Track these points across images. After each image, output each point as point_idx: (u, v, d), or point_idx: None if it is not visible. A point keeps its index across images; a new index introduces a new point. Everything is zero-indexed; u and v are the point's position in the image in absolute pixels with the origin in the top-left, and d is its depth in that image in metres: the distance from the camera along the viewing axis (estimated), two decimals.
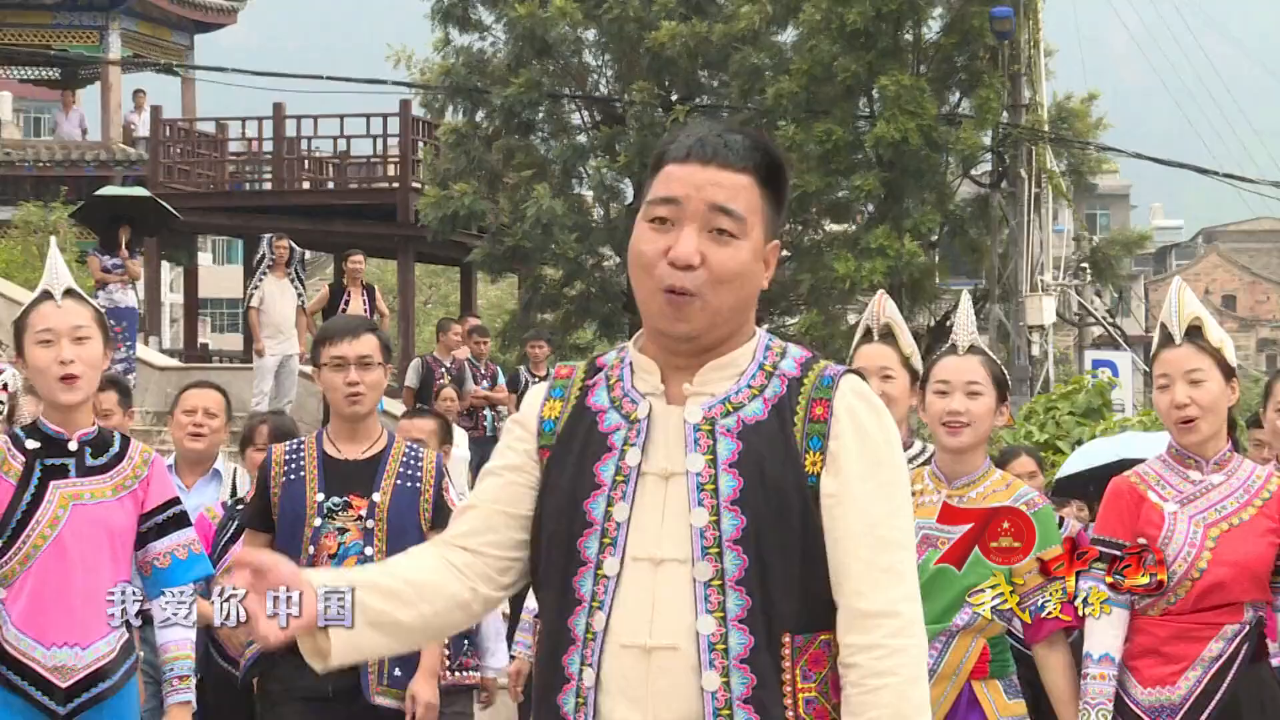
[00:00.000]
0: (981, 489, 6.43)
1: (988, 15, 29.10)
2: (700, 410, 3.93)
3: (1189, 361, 6.38)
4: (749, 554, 3.82)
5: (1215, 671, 6.25)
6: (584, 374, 4.11)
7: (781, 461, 3.88)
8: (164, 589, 5.90)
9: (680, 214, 3.89)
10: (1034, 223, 30.87)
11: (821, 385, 3.95)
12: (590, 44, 32.16)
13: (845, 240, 30.28)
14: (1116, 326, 35.61)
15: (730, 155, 3.92)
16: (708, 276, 3.85)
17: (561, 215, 30.49)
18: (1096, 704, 6.26)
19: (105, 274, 22.35)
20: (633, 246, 3.96)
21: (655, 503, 3.90)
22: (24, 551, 5.97)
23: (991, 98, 29.71)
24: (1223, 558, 6.26)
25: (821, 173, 29.38)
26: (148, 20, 42.01)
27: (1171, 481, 6.44)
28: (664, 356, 3.99)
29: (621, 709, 3.82)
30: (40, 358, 6.11)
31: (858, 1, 28.50)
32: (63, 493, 6.06)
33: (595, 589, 3.87)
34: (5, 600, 5.96)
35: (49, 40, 40.96)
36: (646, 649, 3.81)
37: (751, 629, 3.81)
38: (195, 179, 37.20)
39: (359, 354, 7.06)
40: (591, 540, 3.90)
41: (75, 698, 5.95)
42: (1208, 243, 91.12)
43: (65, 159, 40.05)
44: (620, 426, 3.97)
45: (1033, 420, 18.79)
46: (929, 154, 29.19)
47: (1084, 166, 33.10)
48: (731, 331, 3.98)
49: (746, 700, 3.79)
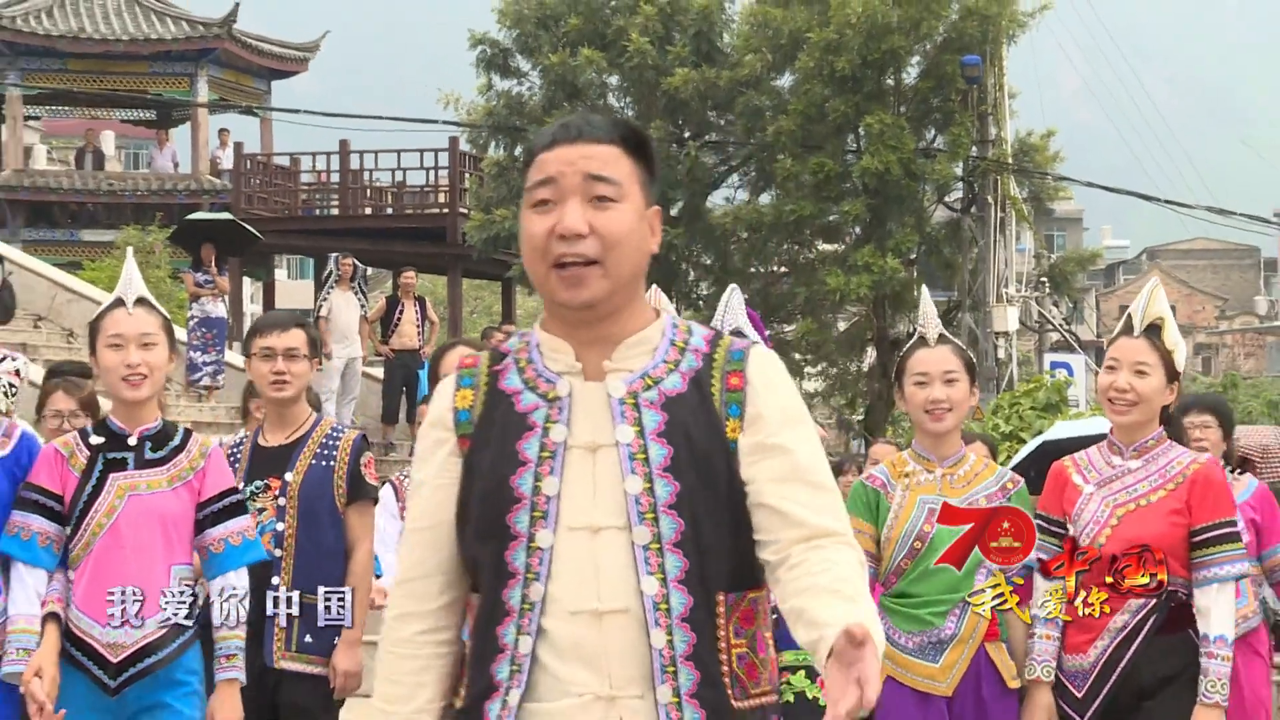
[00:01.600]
0: (969, 466, 6.37)
1: (959, 63, 29.11)
2: (623, 385, 3.69)
3: (1140, 353, 6.26)
4: (684, 518, 3.60)
5: (1120, 641, 6.12)
6: (489, 361, 3.83)
7: (705, 430, 3.66)
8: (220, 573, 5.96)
9: (559, 191, 3.65)
10: (999, 242, 30.81)
11: (733, 359, 3.74)
12: (613, 88, 32.10)
13: (835, 258, 30.23)
14: (1072, 333, 35.55)
15: (595, 130, 3.71)
16: (599, 243, 3.63)
17: None
18: (1041, 660, 6.17)
19: (198, 288, 22.52)
20: (522, 236, 3.72)
21: (584, 475, 3.65)
22: (85, 539, 5.88)
23: (962, 134, 29.68)
24: (1121, 535, 6.15)
25: (815, 199, 29.35)
26: (231, 68, 42.07)
27: (1096, 465, 6.34)
28: (573, 336, 3.74)
29: (576, 672, 3.59)
30: (109, 359, 6.00)
31: (846, 51, 28.46)
32: (120, 484, 5.94)
33: (529, 561, 3.62)
34: (72, 582, 5.89)
35: (146, 86, 41.04)
36: (598, 614, 3.58)
37: (690, 589, 3.60)
38: (272, 206, 37.24)
39: (286, 345, 6.88)
40: (521, 515, 3.63)
41: (124, 671, 5.85)
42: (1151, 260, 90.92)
43: (160, 189, 40.14)
44: (539, 405, 3.70)
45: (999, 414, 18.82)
46: (908, 183, 29.13)
47: (1043, 194, 33.03)
48: (628, 300, 3.74)
49: (688, 657, 3.59)
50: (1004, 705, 6.18)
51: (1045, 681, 6.16)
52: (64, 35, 40.01)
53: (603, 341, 3.72)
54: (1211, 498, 6.18)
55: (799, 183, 29.31)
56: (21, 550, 5.82)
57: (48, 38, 39.91)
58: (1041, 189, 32.77)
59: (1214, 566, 6.09)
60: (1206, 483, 6.21)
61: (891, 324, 30.61)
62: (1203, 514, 6.14)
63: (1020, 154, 31.55)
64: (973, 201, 31.12)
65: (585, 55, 30.31)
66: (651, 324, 3.77)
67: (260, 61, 42.55)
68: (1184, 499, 6.17)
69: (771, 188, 31.14)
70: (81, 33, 40.26)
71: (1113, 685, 6.12)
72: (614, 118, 3.82)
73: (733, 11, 31.73)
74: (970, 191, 31.23)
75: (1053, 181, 32.92)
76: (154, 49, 40.75)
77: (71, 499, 5.90)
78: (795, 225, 29.95)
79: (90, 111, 47.48)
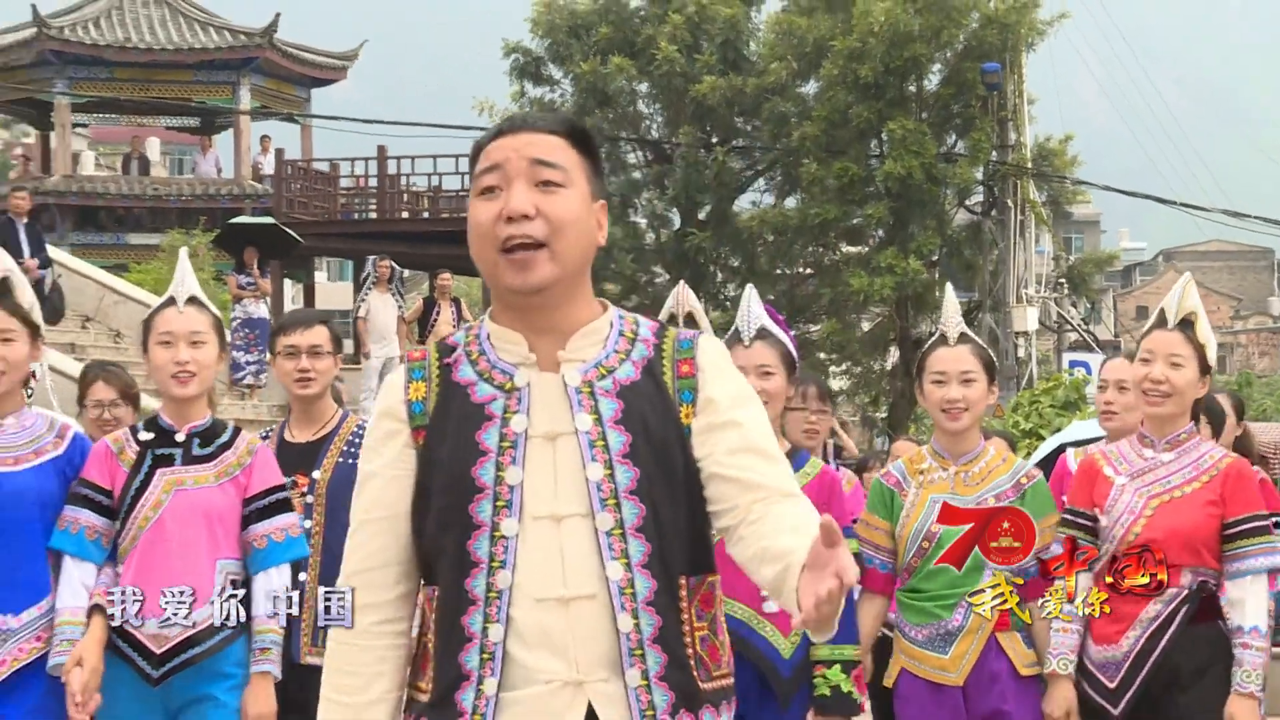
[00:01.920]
0: (984, 463, 6.24)
1: (980, 70, 29.15)
2: (579, 374, 3.60)
3: (1175, 346, 6.09)
4: (645, 503, 3.53)
5: (1153, 631, 5.98)
6: (438, 354, 3.71)
7: (661, 417, 3.59)
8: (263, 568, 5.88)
9: (505, 177, 3.54)
10: (1019, 245, 30.82)
11: (681, 348, 3.67)
12: (643, 95, 32.15)
13: (859, 260, 30.24)
14: (1090, 332, 35.51)
15: (539, 122, 3.63)
16: (546, 225, 3.52)
17: (620, 240, 30.55)
18: (1058, 653, 6.03)
19: (240, 290, 22.59)
20: (470, 224, 3.61)
21: (545, 463, 3.55)
22: (132, 532, 5.80)
23: (983, 139, 29.70)
24: (1156, 525, 5.99)
25: (839, 203, 29.38)
26: (272, 77, 42.12)
27: (1127, 457, 6.19)
28: (524, 326, 3.64)
29: (545, 659, 3.50)
30: (159, 356, 5.92)
31: (869, 58, 28.48)
32: (167, 479, 5.85)
33: (494, 550, 3.52)
34: (120, 575, 5.81)
35: (190, 94, 41.10)
36: (564, 600, 3.50)
37: (653, 573, 3.53)
38: (312, 210, 37.30)
39: (310, 343, 6.79)
40: (484, 504, 3.53)
41: (167, 662, 5.76)
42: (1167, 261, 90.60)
43: (204, 194, 40.19)
44: (496, 396, 3.60)
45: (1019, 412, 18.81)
46: (930, 187, 29.17)
47: (1061, 197, 33.05)
48: (576, 288, 3.64)
49: (655, 640, 3.52)
50: (1017, 693, 6.08)
51: (1064, 675, 6.04)
52: (111, 45, 40.10)
53: (554, 332, 3.63)
54: (1245, 491, 6.07)
55: (823, 187, 29.35)
56: (71, 544, 5.79)
57: (95, 47, 40.00)
58: (1060, 193, 32.78)
59: (1248, 559, 5.99)
60: (1239, 477, 6.10)
61: (914, 324, 30.60)
62: (1236, 507, 6.03)
63: (1039, 159, 31.53)
64: (993, 205, 31.12)
65: (615, 63, 30.36)
66: (600, 315, 3.69)
67: (301, 70, 42.59)
68: (1218, 491, 6.04)
69: (797, 192, 31.18)
70: (128, 42, 40.35)
71: (1145, 675, 6.00)
72: (559, 113, 3.82)
73: (759, 20, 31.82)
74: (990, 195, 31.24)
75: (1071, 185, 32.93)
76: (198, 58, 40.83)
77: (120, 493, 5.85)
78: (820, 228, 30.00)
79: (136, 119, 47.55)
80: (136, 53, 40.23)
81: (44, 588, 5.85)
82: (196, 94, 41.02)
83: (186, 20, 41.86)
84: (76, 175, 42.69)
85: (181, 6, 42.51)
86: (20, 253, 19.74)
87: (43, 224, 29.67)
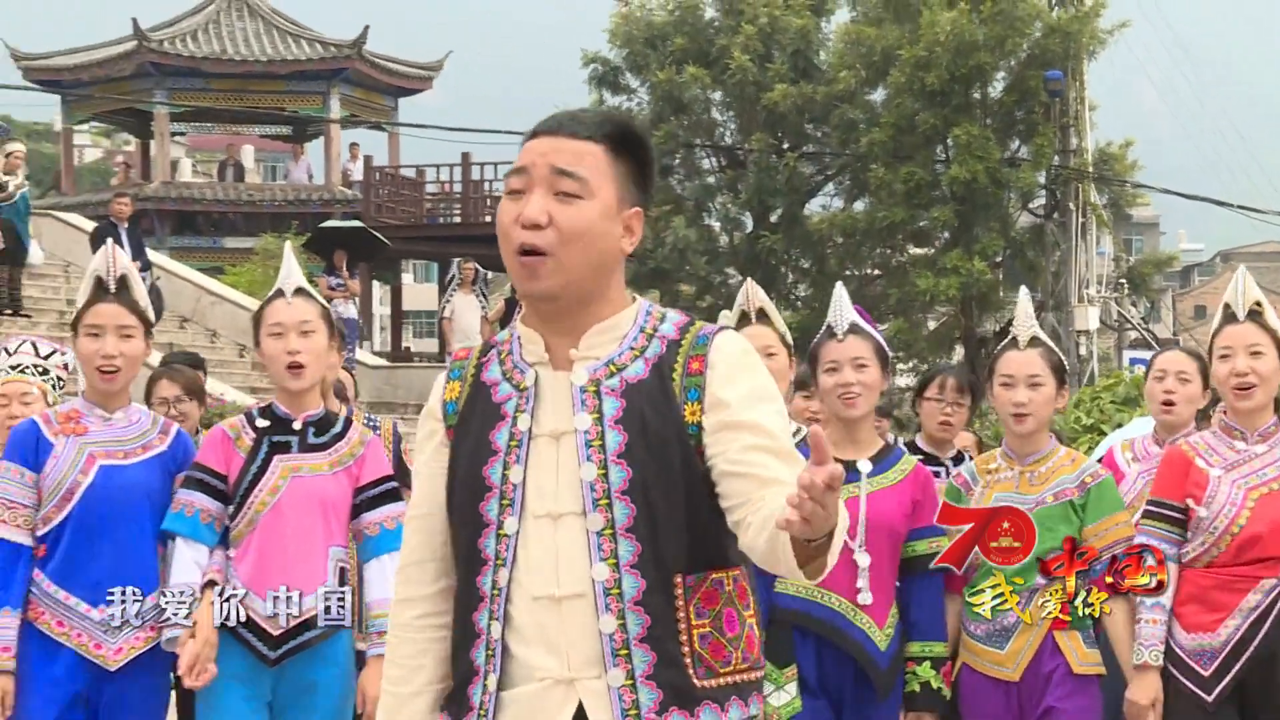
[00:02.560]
0: (1051, 464, 6.05)
1: (1042, 77, 28.97)
2: (586, 373, 3.51)
3: (1251, 336, 5.89)
4: (637, 503, 3.42)
5: (1253, 620, 5.78)
6: (479, 354, 3.68)
7: (663, 416, 3.46)
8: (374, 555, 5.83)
9: (529, 182, 3.46)
10: (1081, 246, 30.64)
11: (698, 344, 3.53)
12: (716, 103, 32.12)
13: (925, 261, 30.12)
14: (1149, 331, 35.29)
15: (576, 126, 3.51)
16: (556, 235, 3.42)
17: (694, 242, 30.59)
18: (1150, 644, 5.84)
19: (330, 291, 22.69)
20: (497, 221, 3.54)
21: (549, 462, 3.49)
22: (248, 516, 5.73)
23: (1045, 145, 29.54)
24: (1260, 517, 5.77)
25: (906, 206, 29.26)
26: (361, 87, 42.34)
27: (1218, 450, 5.95)
28: (544, 326, 3.57)
29: (540, 657, 3.44)
30: (271, 348, 5.83)
31: (935, 67, 28.37)
32: (284, 465, 5.78)
33: (498, 548, 3.48)
34: (234, 559, 5.77)
35: (283, 104, 41.39)
36: (556, 599, 3.43)
37: (643, 573, 3.41)
38: (399, 214, 37.41)
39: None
40: (492, 503, 3.49)
41: (284, 644, 5.71)
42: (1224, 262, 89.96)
43: (296, 199, 40.47)
44: (511, 396, 3.55)
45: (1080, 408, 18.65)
46: (994, 191, 29.03)
47: (1122, 200, 32.81)
48: (594, 292, 3.53)
49: (643, 640, 3.41)
50: (1070, 692, 5.89)
51: (1154, 666, 5.86)
52: (207, 57, 40.40)
53: (571, 331, 3.55)
54: None
55: (891, 191, 29.25)
56: (184, 526, 5.73)
57: (192, 59, 40.30)
58: (1120, 196, 32.56)
59: None
60: None
61: (978, 323, 30.48)
62: None
63: (1100, 163, 31.34)
64: (1055, 208, 30.95)
65: (690, 72, 30.36)
66: (622, 310, 3.59)
67: (388, 80, 42.80)
68: None
69: (865, 195, 31.10)
70: (223, 54, 40.64)
71: (1243, 664, 5.81)
72: (607, 115, 3.64)
73: (829, 30, 31.76)
74: (1053, 198, 31.06)
75: (1131, 189, 32.70)
76: (290, 69, 41.08)
77: (236, 479, 5.78)
78: (888, 231, 29.93)
79: (231, 127, 47.99)
80: (232, 64, 40.55)
81: (154, 580, 5.82)
82: (289, 103, 41.33)
83: (279, 33, 42.14)
84: (175, 182, 43.01)
85: (275, 20, 42.81)
86: None
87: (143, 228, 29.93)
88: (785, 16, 30.53)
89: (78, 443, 5.84)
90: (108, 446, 5.87)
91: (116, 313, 5.87)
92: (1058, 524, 5.91)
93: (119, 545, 5.79)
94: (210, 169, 50.20)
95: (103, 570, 5.77)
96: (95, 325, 5.85)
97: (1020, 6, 28.91)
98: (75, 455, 5.81)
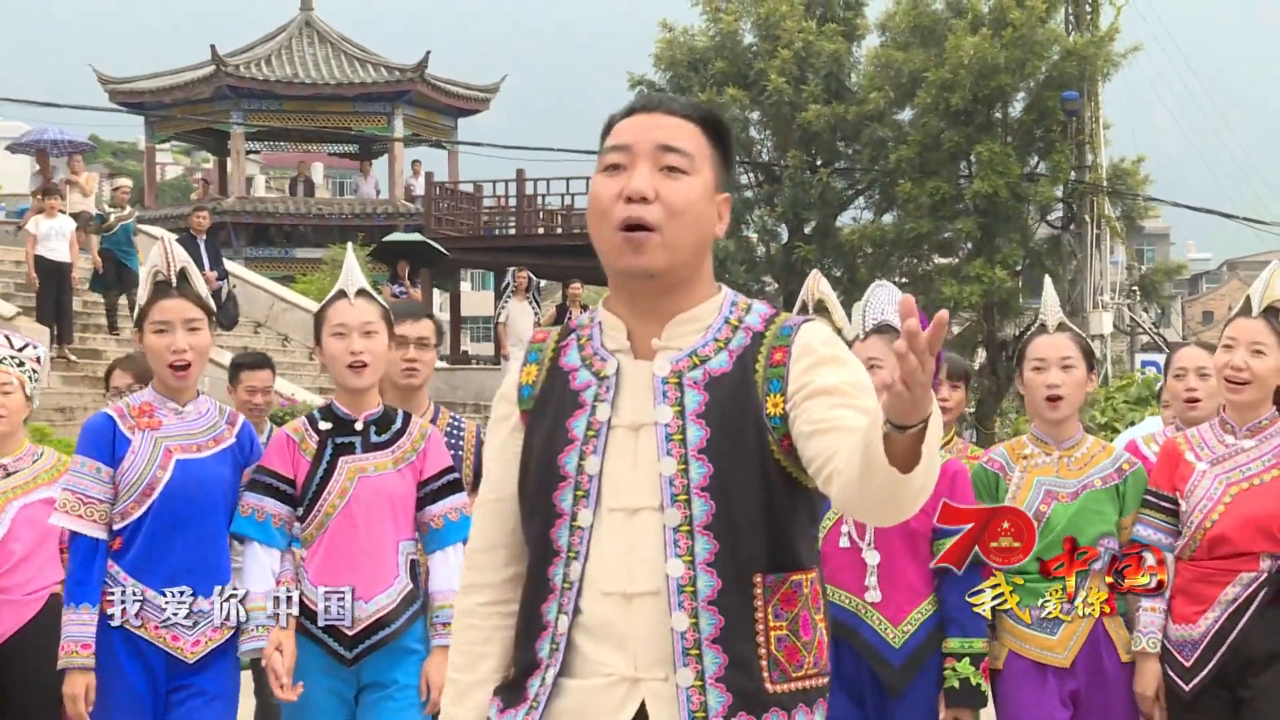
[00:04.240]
0: (1086, 448, 5.78)
1: (1060, 98, 28.90)
2: (668, 364, 3.21)
3: (1258, 334, 5.57)
4: (716, 500, 3.11)
5: (1231, 613, 5.51)
6: (558, 337, 3.39)
7: (744, 411, 3.16)
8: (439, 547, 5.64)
9: (631, 157, 3.17)
10: (1095, 256, 30.56)
11: (781, 335, 3.22)
12: (754, 122, 32.07)
13: (950, 270, 30.09)
14: (1160, 335, 35.09)
15: (673, 105, 3.25)
16: (663, 210, 3.13)
17: (733, 252, 30.61)
18: (1148, 633, 5.57)
19: (393, 299, 22.66)
20: (591, 198, 3.25)
21: (626, 454, 3.18)
22: (319, 519, 5.51)
23: (1062, 161, 29.47)
24: (1233, 512, 5.50)
25: (932, 219, 29.24)
26: (423, 108, 42.39)
27: (1209, 443, 5.66)
28: (630, 313, 3.27)
29: (607, 654, 3.15)
30: (333, 347, 5.58)
31: (959, 88, 28.32)
32: (350, 466, 5.54)
33: (571, 540, 3.18)
34: (304, 561, 5.54)
35: (350, 124, 41.45)
36: (627, 595, 3.13)
37: (719, 572, 3.11)
38: (458, 227, 37.53)
39: (418, 335, 6.29)
40: (566, 493, 3.19)
41: (360, 643, 5.48)
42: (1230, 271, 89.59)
43: (361, 212, 40.53)
44: (591, 384, 3.25)
45: (1095, 407, 18.59)
46: (1014, 204, 28.98)
47: (1134, 213, 32.64)
48: (690, 275, 3.24)
49: (715, 640, 3.11)
50: (1122, 679, 5.63)
51: (1152, 653, 5.59)
52: (280, 80, 40.50)
53: (657, 318, 3.25)
54: None
55: (918, 204, 29.23)
56: (257, 531, 5.52)
57: (266, 83, 40.41)
58: (1133, 208, 32.41)
59: None
60: None
61: (999, 328, 30.41)
62: None
63: (1114, 178, 31.23)
64: (1072, 220, 30.87)
65: (730, 94, 30.35)
66: (707, 300, 3.29)
67: (448, 101, 42.85)
68: None
69: (893, 209, 31.06)
70: (295, 78, 40.74)
71: (1221, 656, 5.55)
72: (694, 101, 3.34)
73: (859, 55, 31.70)
74: (1069, 211, 30.98)
75: (1143, 202, 32.56)
76: (357, 91, 41.16)
77: (304, 482, 5.56)
78: (914, 241, 29.90)
79: (302, 146, 48.06)
80: (302, 87, 40.64)
81: (228, 572, 5.63)
82: (355, 123, 41.39)
83: (347, 58, 42.24)
84: (249, 197, 43.15)
85: (343, 45, 42.92)
86: (201, 265, 19.95)
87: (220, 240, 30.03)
88: (819, 41, 30.50)
89: (153, 437, 5.60)
90: (182, 440, 5.63)
91: (181, 307, 5.61)
92: (1106, 506, 5.69)
93: (195, 538, 5.57)
94: (282, 185, 50.34)
95: (179, 563, 5.54)
96: (162, 321, 5.59)
97: (1039, 32, 28.84)
98: (152, 450, 5.57)
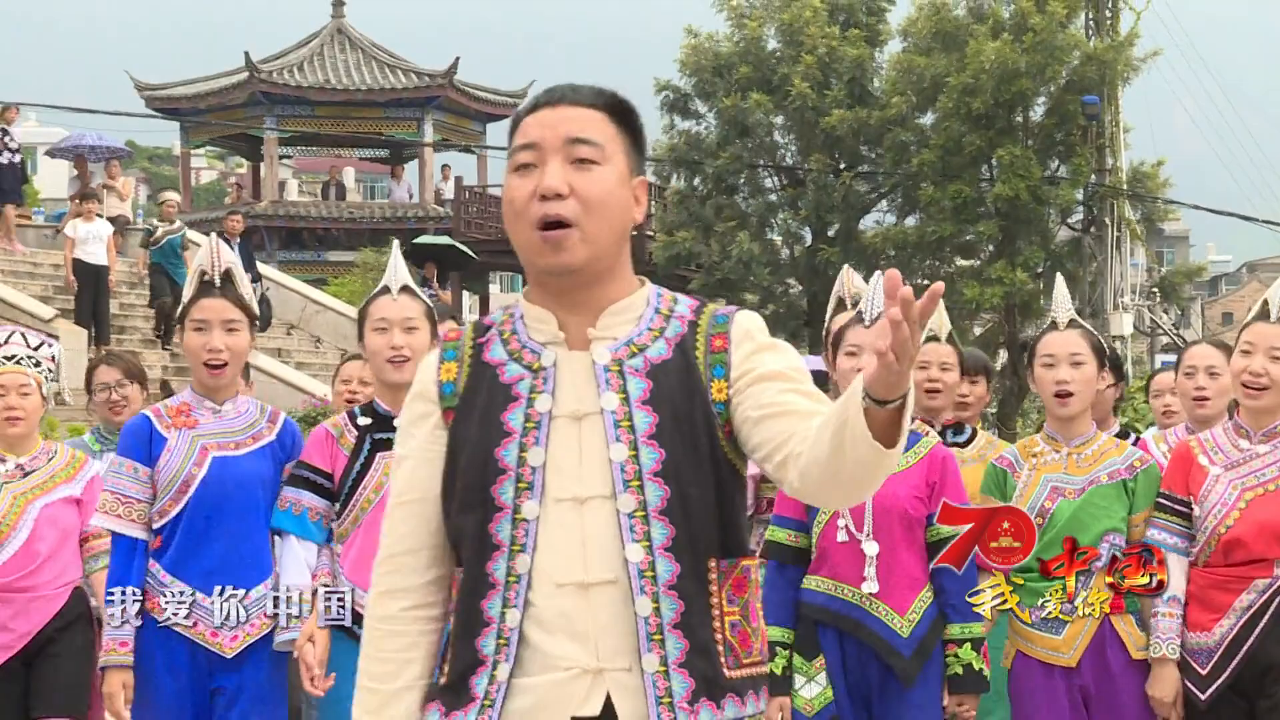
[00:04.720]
0: (1097, 446, 5.68)
1: (1080, 102, 28.81)
2: (608, 352, 3.13)
3: (1277, 339, 5.43)
4: (669, 485, 3.04)
5: (1246, 620, 5.35)
6: (473, 334, 3.26)
7: (690, 397, 3.10)
8: None
9: (540, 155, 3.09)
10: (1116, 258, 30.47)
11: (717, 322, 3.18)
12: (778, 126, 32.02)
13: (972, 272, 29.99)
14: (1180, 336, 35.01)
15: (577, 95, 3.16)
16: (579, 204, 3.05)
17: (758, 255, 30.57)
18: (1166, 638, 5.43)
19: None
20: (505, 200, 3.17)
21: (570, 444, 3.09)
22: (354, 514, 5.43)
23: (1083, 164, 29.38)
24: (1248, 518, 5.36)
25: (954, 222, 29.16)
26: (452, 113, 42.47)
27: (1223, 447, 5.52)
28: (558, 305, 3.17)
29: (565, 646, 3.04)
30: (375, 342, 5.49)
31: (981, 93, 28.25)
32: (388, 462, 5.30)
33: (515, 533, 3.06)
34: (340, 555, 5.45)
35: (381, 129, 41.55)
36: (584, 585, 3.03)
37: (677, 556, 3.04)
38: (487, 230, 37.52)
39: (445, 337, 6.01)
40: (506, 486, 3.07)
41: None
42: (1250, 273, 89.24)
43: (392, 216, 40.66)
44: (524, 376, 3.14)
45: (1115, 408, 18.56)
46: (1035, 207, 28.88)
47: (1154, 216, 32.54)
48: (612, 264, 3.17)
49: (676, 625, 3.03)
50: (1130, 676, 5.52)
51: (1171, 659, 5.45)
52: (312, 86, 40.61)
53: (586, 309, 3.17)
54: None
55: (940, 207, 29.16)
56: (295, 525, 5.46)
57: (299, 89, 40.53)
58: (1153, 211, 32.31)
59: None
60: None
61: (1021, 329, 30.31)
62: None
63: (1134, 181, 31.12)
64: (1092, 222, 30.78)
65: (754, 99, 30.32)
66: (635, 291, 3.23)
67: (477, 107, 42.91)
68: None
69: (916, 212, 30.99)
70: (327, 84, 40.84)
71: (1238, 664, 5.39)
72: (599, 87, 3.23)
73: (882, 60, 31.63)
74: (1090, 214, 30.89)
75: (1163, 205, 32.44)
76: (387, 97, 41.25)
77: (341, 477, 5.49)
78: (936, 244, 29.82)
79: (334, 151, 48.14)
80: (334, 93, 40.76)
81: (268, 566, 5.58)
82: (386, 129, 41.49)
83: (378, 64, 42.34)
84: (282, 201, 43.27)
85: (374, 52, 43.01)
86: None
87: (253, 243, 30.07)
88: (842, 47, 30.45)
89: (189, 435, 5.56)
90: (219, 438, 5.59)
91: (222, 307, 5.58)
92: (1113, 503, 5.60)
93: (233, 534, 5.54)
94: (315, 189, 50.43)
95: (217, 559, 5.52)
96: (201, 320, 5.56)
97: (1060, 37, 28.74)
98: (188, 448, 5.54)
